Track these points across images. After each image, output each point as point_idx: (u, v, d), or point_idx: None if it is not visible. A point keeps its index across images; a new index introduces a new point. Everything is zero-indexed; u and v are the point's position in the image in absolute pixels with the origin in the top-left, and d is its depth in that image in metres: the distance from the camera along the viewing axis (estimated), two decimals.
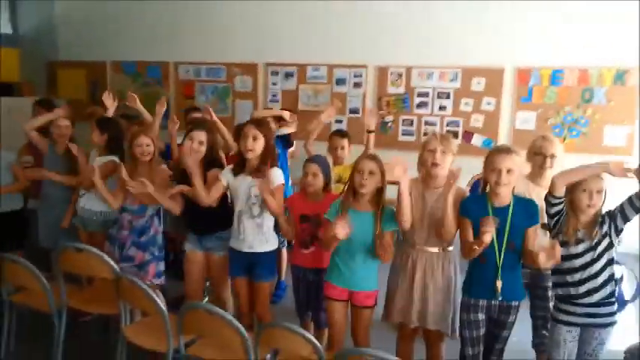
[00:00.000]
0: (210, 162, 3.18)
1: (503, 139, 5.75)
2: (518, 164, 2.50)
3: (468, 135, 5.92)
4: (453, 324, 2.69)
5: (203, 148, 3.13)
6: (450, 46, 5.81)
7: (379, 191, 2.70)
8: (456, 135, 5.92)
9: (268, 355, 2.66)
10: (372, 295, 2.76)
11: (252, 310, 3.14)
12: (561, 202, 2.49)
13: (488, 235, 2.35)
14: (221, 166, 3.21)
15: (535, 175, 3.02)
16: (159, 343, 2.70)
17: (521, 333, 3.22)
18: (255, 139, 2.93)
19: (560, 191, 2.46)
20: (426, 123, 6.07)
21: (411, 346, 2.88)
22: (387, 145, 6.08)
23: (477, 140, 5.87)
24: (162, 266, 3.44)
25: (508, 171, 2.45)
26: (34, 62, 8.17)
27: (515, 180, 2.51)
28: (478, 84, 5.82)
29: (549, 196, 2.51)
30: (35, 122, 3.91)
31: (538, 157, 3.01)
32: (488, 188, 2.59)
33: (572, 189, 2.47)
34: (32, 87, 8.09)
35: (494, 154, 2.53)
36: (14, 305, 3.28)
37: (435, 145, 2.64)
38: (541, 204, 2.60)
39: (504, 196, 2.51)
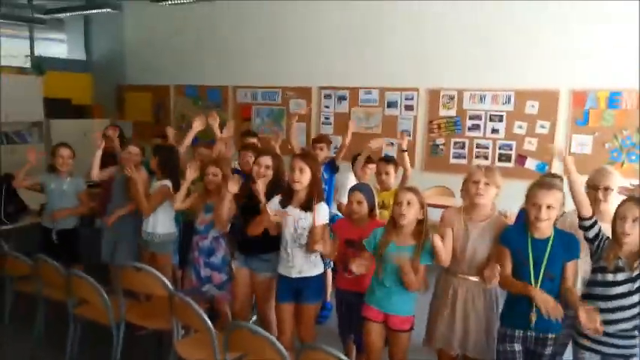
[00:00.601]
0: (276, 186, 3.28)
1: (557, 163, 5.63)
2: (559, 200, 2.49)
3: (521, 159, 5.84)
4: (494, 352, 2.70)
5: (270, 172, 3.26)
6: (504, 68, 5.78)
7: (420, 223, 2.75)
8: (509, 158, 5.87)
9: None
10: (408, 320, 2.79)
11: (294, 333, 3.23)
12: (594, 225, 2.49)
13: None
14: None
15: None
16: (207, 358, 2.83)
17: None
18: (301, 171, 3.03)
19: (586, 211, 2.48)
20: (478, 146, 6.05)
21: None
22: (438, 168, 6.13)
23: (530, 164, 5.78)
24: None
25: (548, 207, 2.46)
26: (105, 86, 8.77)
27: (555, 215, 2.50)
28: (532, 107, 5.74)
29: (580, 221, 2.51)
30: (101, 173, 4.15)
31: (592, 191, 2.93)
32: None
33: (614, 216, 2.46)
34: (103, 109, 8.66)
35: (535, 188, 2.54)
36: (77, 317, 3.54)
37: (479, 177, 2.68)
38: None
39: (545, 229, 2.52)
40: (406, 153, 4.11)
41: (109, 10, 7.44)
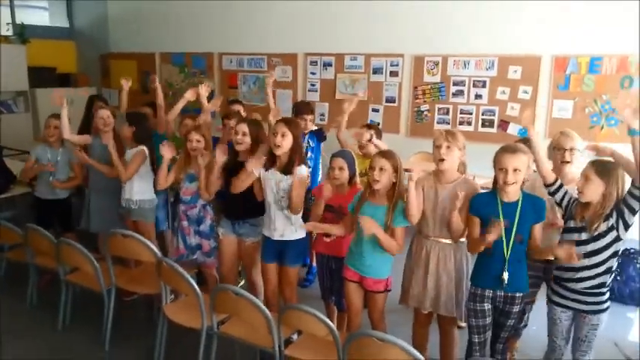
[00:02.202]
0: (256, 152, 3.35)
1: (539, 127, 5.72)
2: (525, 163, 2.59)
3: (504, 124, 5.92)
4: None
5: (247, 139, 3.33)
6: (488, 34, 5.81)
7: (394, 185, 2.85)
8: (491, 124, 5.97)
9: (295, 335, 2.91)
10: (382, 282, 2.91)
11: (280, 294, 3.37)
12: (559, 188, 2.65)
13: (492, 236, 2.53)
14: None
15: (556, 170, 3.08)
16: (194, 320, 2.97)
17: (540, 322, 3.34)
18: (283, 136, 3.12)
19: (549, 177, 2.65)
20: (462, 112, 6.12)
21: (426, 330, 3.06)
22: (423, 134, 6.21)
23: (512, 129, 5.87)
24: None
25: (515, 170, 2.55)
26: (89, 54, 8.68)
27: (522, 178, 2.60)
28: (515, 72, 5.80)
29: (545, 187, 2.68)
30: (73, 138, 4.16)
31: (558, 151, 3.06)
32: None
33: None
34: (87, 78, 8.59)
35: (501, 153, 2.63)
36: (69, 284, 3.65)
37: (440, 141, 2.76)
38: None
39: (513, 193, 2.62)
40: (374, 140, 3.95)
41: None
